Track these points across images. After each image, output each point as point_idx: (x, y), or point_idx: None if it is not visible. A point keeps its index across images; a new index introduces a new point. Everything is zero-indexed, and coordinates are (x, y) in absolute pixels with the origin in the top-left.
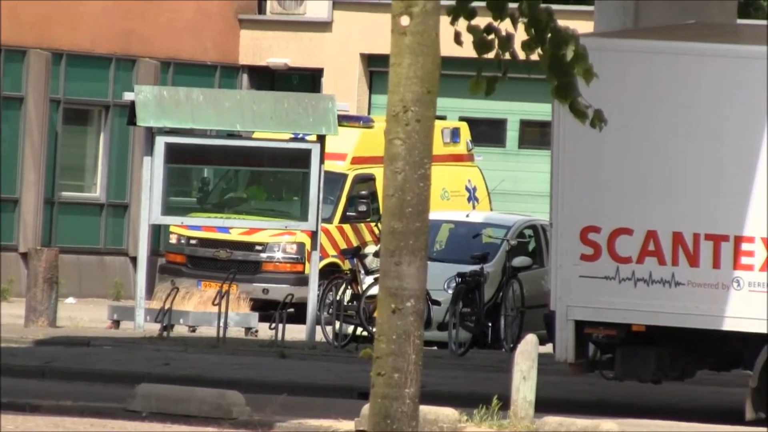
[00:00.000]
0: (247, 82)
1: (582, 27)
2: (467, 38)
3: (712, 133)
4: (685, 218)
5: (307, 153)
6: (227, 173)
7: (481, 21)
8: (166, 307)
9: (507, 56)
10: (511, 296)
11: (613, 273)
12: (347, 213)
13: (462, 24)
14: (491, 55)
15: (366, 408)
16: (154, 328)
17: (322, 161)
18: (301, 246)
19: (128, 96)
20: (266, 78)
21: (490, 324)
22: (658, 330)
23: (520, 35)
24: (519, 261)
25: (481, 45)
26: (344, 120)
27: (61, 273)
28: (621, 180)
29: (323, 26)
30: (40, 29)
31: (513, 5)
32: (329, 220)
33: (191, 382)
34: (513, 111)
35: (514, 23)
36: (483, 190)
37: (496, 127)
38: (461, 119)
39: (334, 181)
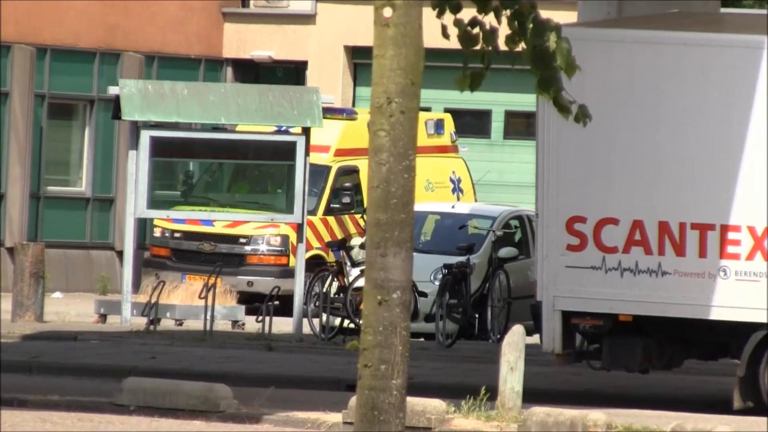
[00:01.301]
0: (232, 76)
1: (566, 17)
2: (453, 31)
3: (696, 122)
4: (671, 207)
5: (292, 145)
6: (211, 166)
7: (466, 14)
8: (153, 300)
9: (491, 50)
10: (498, 287)
11: (599, 263)
12: (331, 205)
13: (448, 18)
14: (476, 48)
15: (353, 400)
16: (141, 321)
17: (307, 153)
18: (285, 238)
19: (113, 90)
20: (251, 71)
21: (476, 315)
22: (645, 320)
23: (504, 29)
24: (505, 252)
25: (466, 39)
26: (327, 112)
27: (47, 268)
28: (606, 170)
29: (307, 19)
30: (24, 24)
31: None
32: (313, 212)
33: (178, 375)
34: (498, 102)
35: (498, 16)
36: (467, 181)
37: (481, 118)
38: (446, 110)
39: (317, 173)
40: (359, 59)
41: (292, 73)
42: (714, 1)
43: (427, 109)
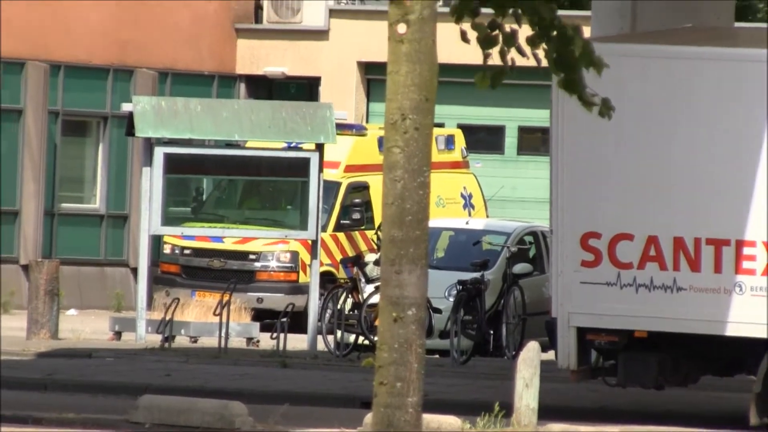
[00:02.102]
0: (245, 92)
1: None
2: (472, 36)
3: (710, 137)
4: (685, 223)
5: (305, 162)
6: (221, 182)
7: (486, 19)
8: (168, 318)
9: (512, 53)
10: (513, 303)
11: (614, 279)
12: (341, 221)
13: (466, 24)
14: (496, 50)
15: (368, 417)
16: (156, 339)
17: (320, 170)
18: (295, 255)
19: (126, 107)
20: (264, 87)
21: (491, 331)
22: (660, 336)
23: (525, 31)
24: (520, 268)
25: (485, 40)
26: (337, 128)
27: (62, 285)
28: (621, 185)
29: (320, 34)
30: (38, 41)
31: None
32: (324, 229)
33: (193, 393)
34: (511, 117)
35: (519, 21)
36: (479, 197)
37: (495, 133)
38: (459, 126)
39: (327, 189)
40: (372, 75)
41: (305, 89)
42: (727, 16)
43: (440, 125)
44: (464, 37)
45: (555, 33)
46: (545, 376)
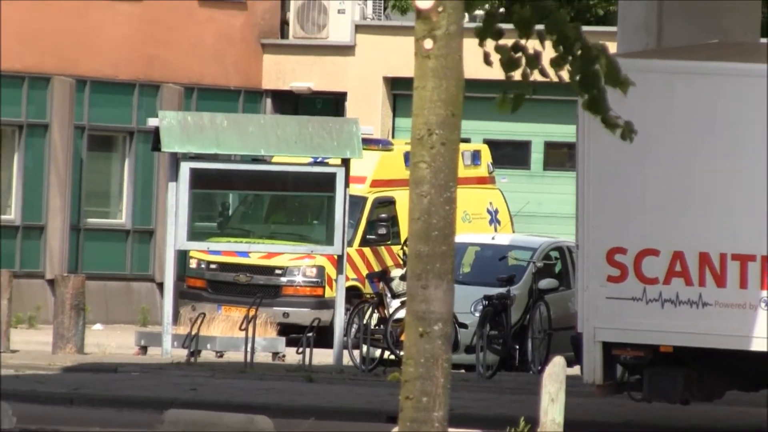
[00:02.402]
0: (271, 107)
1: None
2: (495, 58)
3: (735, 152)
4: (711, 238)
5: (331, 177)
6: (247, 197)
7: (509, 41)
8: (193, 332)
9: (535, 74)
10: (538, 318)
11: (640, 294)
12: (367, 236)
13: (489, 44)
14: (519, 72)
15: (394, 431)
16: (182, 353)
17: (347, 185)
18: (321, 269)
19: (152, 122)
20: (290, 102)
21: (517, 346)
22: (685, 351)
23: (548, 53)
24: (545, 283)
25: (508, 63)
26: (363, 143)
27: (87, 299)
28: (646, 201)
29: (346, 50)
30: (64, 56)
31: (540, 25)
32: (349, 244)
33: (219, 407)
34: (537, 133)
35: (542, 41)
36: (505, 212)
37: (521, 149)
38: (485, 142)
39: (353, 204)
40: (398, 90)
41: (332, 104)
42: (753, 31)
43: (467, 140)
44: (487, 59)
45: (579, 52)
46: (571, 390)
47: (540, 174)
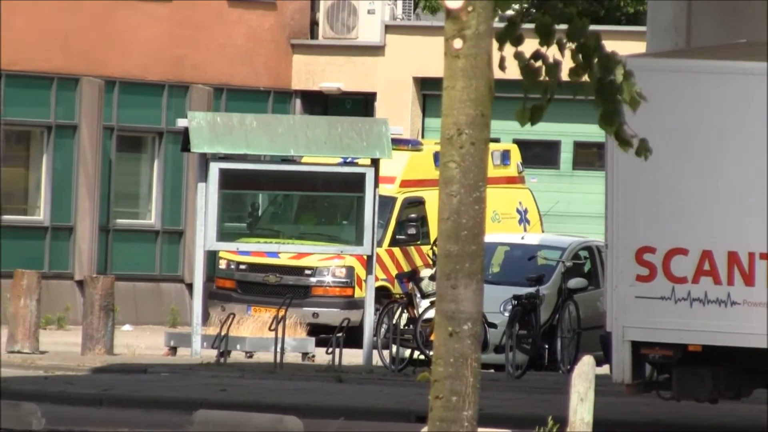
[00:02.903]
0: (300, 107)
1: (634, 48)
2: (512, 64)
3: (764, 151)
4: (739, 237)
5: (361, 177)
6: (276, 198)
7: (528, 48)
8: (223, 333)
9: (553, 82)
10: (567, 318)
11: (668, 293)
12: (397, 236)
13: (509, 50)
14: (538, 80)
15: (424, 431)
16: (211, 354)
17: (376, 185)
18: (350, 270)
19: (181, 122)
20: (319, 102)
21: (546, 346)
22: (714, 349)
23: (567, 62)
24: (574, 282)
25: (527, 72)
26: (393, 143)
27: (117, 300)
28: (675, 200)
29: (376, 50)
30: (92, 57)
31: (560, 29)
32: (379, 244)
33: (248, 407)
34: (566, 133)
35: (562, 49)
36: (534, 212)
37: (550, 149)
38: (515, 141)
39: (383, 204)
40: (428, 90)
41: (361, 104)
42: None
43: (496, 140)
44: (502, 64)
45: (597, 60)
46: (600, 390)
47: (569, 174)
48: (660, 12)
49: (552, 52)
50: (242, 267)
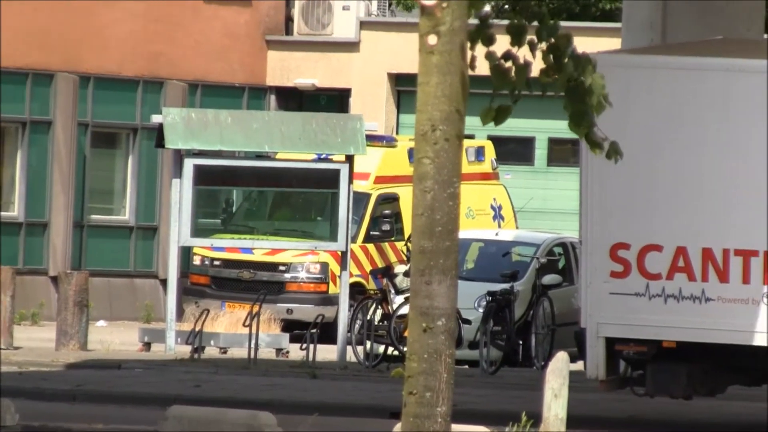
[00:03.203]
0: (275, 103)
1: (609, 44)
2: (482, 63)
3: (740, 148)
4: (714, 234)
5: (335, 173)
6: (251, 194)
7: (500, 46)
8: (197, 329)
9: (523, 84)
10: (542, 314)
11: (643, 289)
12: (371, 232)
13: (480, 49)
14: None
15: (398, 427)
16: (185, 350)
17: (350, 181)
18: (324, 266)
19: (156, 118)
20: (294, 99)
21: (520, 342)
22: (688, 346)
23: (538, 63)
24: (549, 279)
25: (497, 72)
26: (367, 139)
27: (91, 296)
28: (650, 197)
29: (350, 46)
30: (68, 52)
31: (533, 28)
32: (353, 240)
33: (223, 403)
34: (541, 129)
35: (533, 50)
36: (508, 208)
37: (525, 145)
38: (489, 138)
39: (357, 200)
40: (403, 86)
41: (336, 100)
42: (758, 28)
43: (471, 137)
44: (472, 64)
45: (567, 60)
46: (574, 386)
47: (544, 170)
48: (635, 9)
49: (523, 52)
50: (216, 263)
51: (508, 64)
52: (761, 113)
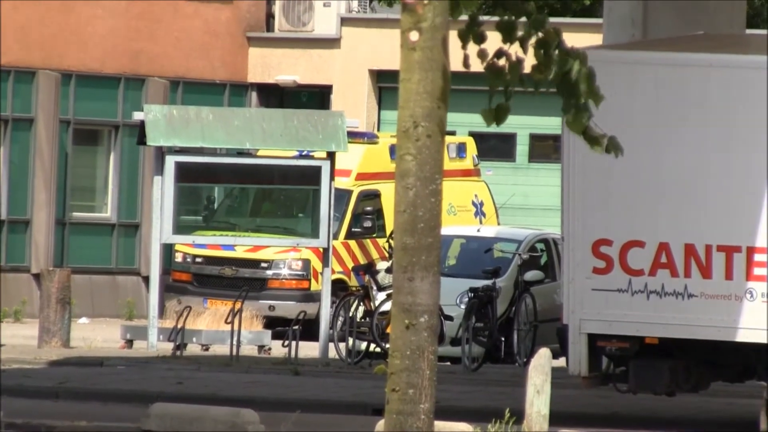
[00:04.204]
0: (257, 100)
1: (591, 40)
2: (475, 62)
3: (722, 144)
4: (696, 230)
5: (317, 170)
6: (232, 191)
7: (490, 45)
8: (179, 326)
9: (514, 81)
10: (524, 310)
11: (625, 286)
12: (352, 229)
13: (472, 48)
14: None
15: (380, 424)
16: (168, 347)
17: (332, 178)
18: (306, 262)
19: (138, 115)
20: (275, 95)
21: (503, 338)
22: (671, 342)
23: (530, 60)
24: (531, 275)
25: (492, 72)
26: (349, 136)
27: (73, 293)
28: (632, 192)
29: (331, 43)
30: (49, 50)
31: (522, 24)
32: (335, 237)
33: (205, 400)
34: (523, 125)
35: (524, 47)
36: (490, 204)
37: (506, 141)
38: (471, 134)
39: (339, 197)
40: (384, 83)
41: (317, 97)
42: (739, 23)
43: (452, 133)
44: (466, 62)
45: (557, 52)
46: (556, 382)
47: (525, 166)
48: (616, 4)
49: (514, 49)
50: (198, 260)
51: (501, 61)
52: (743, 109)
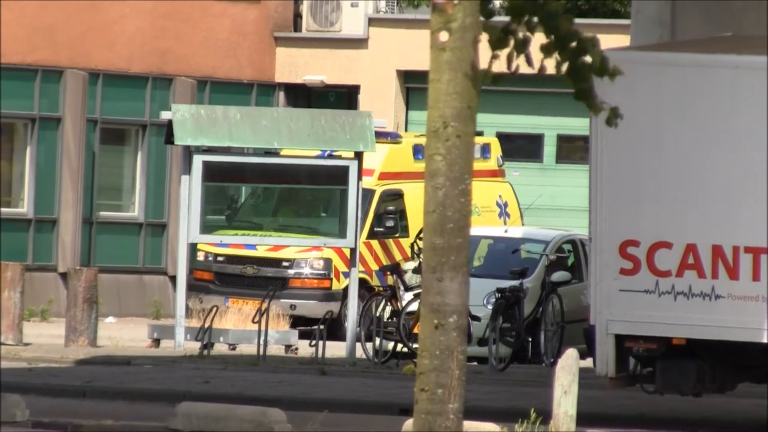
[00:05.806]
0: (284, 100)
1: (619, 41)
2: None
3: (750, 145)
4: (724, 231)
5: (344, 170)
6: (255, 190)
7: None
8: (206, 325)
9: (521, 58)
10: (551, 311)
11: (652, 287)
12: (375, 229)
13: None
14: (505, 53)
15: (408, 424)
16: (194, 346)
17: (359, 178)
18: (328, 262)
19: (165, 115)
20: (302, 95)
21: (530, 339)
22: (698, 343)
23: (538, 39)
24: (558, 276)
25: (497, 42)
26: None
27: (100, 292)
28: (660, 193)
29: (359, 43)
30: (77, 49)
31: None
32: None
33: (232, 400)
34: (550, 126)
35: (531, 30)
36: (514, 205)
37: (533, 142)
38: (498, 135)
39: (362, 196)
40: (411, 83)
41: (344, 97)
42: (766, 24)
43: (479, 134)
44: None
45: (574, 44)
46: (583, 383)
47: (552, 167)
48: (644, 5)
49: (523, 30)
50: (220, 259)
51: (508, 37)
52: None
